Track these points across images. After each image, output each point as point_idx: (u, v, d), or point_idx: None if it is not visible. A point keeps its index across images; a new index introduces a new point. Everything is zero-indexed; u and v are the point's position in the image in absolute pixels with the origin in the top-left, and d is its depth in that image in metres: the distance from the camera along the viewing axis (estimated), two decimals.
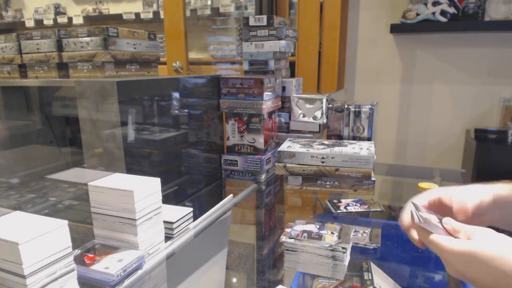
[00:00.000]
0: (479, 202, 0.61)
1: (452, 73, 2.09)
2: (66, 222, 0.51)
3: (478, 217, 0.62)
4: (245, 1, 2.88)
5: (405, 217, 0.63)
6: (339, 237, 0.74)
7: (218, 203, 0.91)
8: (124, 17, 3.20)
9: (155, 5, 3.22)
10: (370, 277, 0.78)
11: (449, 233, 0.54)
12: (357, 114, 1.26)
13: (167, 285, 0.68)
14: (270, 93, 1.19)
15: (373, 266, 0.81)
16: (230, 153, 1.22)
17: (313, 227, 0.78)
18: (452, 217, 0.59)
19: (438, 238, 0.52)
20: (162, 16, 2.68)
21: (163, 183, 0.66)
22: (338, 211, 1.00)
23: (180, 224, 0.73)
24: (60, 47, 1.04)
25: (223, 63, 2.96)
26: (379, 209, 1.01)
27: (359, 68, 2.28)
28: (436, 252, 0.54)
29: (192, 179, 1.11)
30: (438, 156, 2.20)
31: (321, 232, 0.76)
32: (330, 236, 0.75)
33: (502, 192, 0.62)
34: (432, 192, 0.65)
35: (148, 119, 0.94)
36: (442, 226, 0.55)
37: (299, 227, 0.79)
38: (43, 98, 1.29)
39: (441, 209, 0.63)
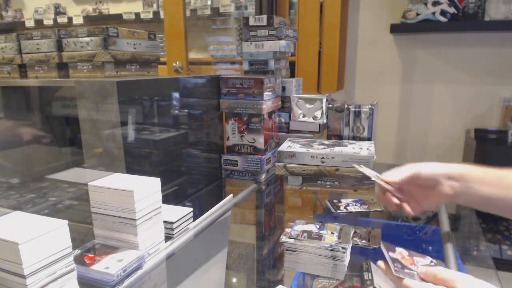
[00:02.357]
0: (432, 173, 0.67)
1: (452, 73, 2.09)
2: (66, 222, 0.51)
3: (431, 188, 0.68)
4: (245, 1, 2.87)
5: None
6: (339, 237, 0.74)
7: (218, 203, 0.91)
8: (124, 17, 3.20)
9: (155, 5, 3.21)
10: (370, 277, 0.78)
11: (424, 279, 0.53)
12: (357, 114, 1.26)
13: (167, 285, 0.68)
14: (270, 93, 1.19)
15: (373, 266, 0.81)
16: (230, 153, 1.22)
17: (313, 227, 0.78)
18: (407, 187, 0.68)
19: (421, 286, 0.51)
20: (162, 16, 2.68)
21: (163, 183, 0.66)
22: (338, 211, 1.00)
23: (180, 224, 0.73)
24: (60, 47, 1.04)
25: (223, 63, 2.96)
26: (379, 209, 1.01)
27: (359, 68, 2.28)
28: None
29: (192, 179, 1.11)
30: (438, 156, 2.20)
31: (321, 232, 0.76)
32: (330, 236, 0.75)
33: (460, 170, 0.67)
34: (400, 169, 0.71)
35: (148, 119, 0.94)
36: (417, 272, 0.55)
37: (299, 227, 0.79)
38: (43, 98, 1.29)
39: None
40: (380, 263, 0.59)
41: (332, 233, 0.76)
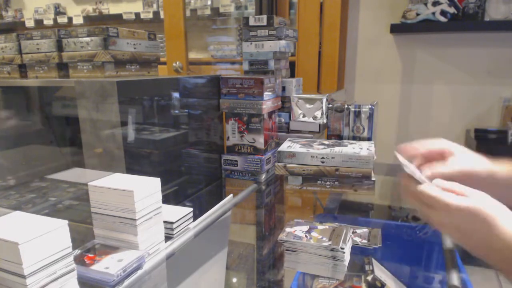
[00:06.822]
0: (479, 170, 0.61)
1: (452, 73, 2.09)
2: (66, 222, 0.51)
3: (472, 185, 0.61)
4: (245, 1, 2.87)
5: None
6: (329, 239, 0.74)
7: (218, 203, 0.91)
8: (124, 17, 3.20)
9: (155, 5, 3.21)
10: (371, 268, 0.78)
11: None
12: (357, 114, 1.26)
13: (167, 285, 0.68)
14: (270, 93, 1.19)
15: (375, 262, 0.81)
16: (230, 153, 1.22)
17: (305, 228, 0.78)
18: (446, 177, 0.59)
19: (437, 193, 0.52)
20: (162, 16, 2.68)
21: (163, 183, 0.66)
22: None
23: (180, 224, 0.73)
24: (60, 47, 1.04)
25: (223, 63, 2.96)
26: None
27: (359, 68, 2.28)
28: (428, 202, 0.53)
29: (192, 179, 1.11)
30: None
31: (309, 234, 0.76)
32: (318, 237, 0.74)
33: (502, 170, 0.62)
34: (435, 142, 0.66)
35: (148, 119, 0.94)
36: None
37: (296, 227, 0.78)
38: (43, 98, 1.28)
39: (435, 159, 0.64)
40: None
41: (322, 237, 0.75)
